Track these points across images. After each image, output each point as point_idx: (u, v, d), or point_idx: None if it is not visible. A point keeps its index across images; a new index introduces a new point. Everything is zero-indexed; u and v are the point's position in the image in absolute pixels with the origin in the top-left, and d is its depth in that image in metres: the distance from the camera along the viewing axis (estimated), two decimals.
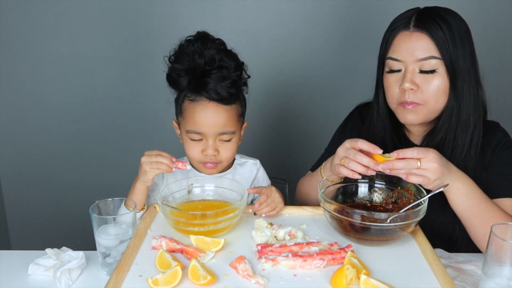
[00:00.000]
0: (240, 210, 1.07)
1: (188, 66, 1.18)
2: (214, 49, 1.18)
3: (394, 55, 1.17)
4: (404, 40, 1.15)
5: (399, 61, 1.16)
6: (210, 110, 1.19)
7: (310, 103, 2.12)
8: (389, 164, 1.03)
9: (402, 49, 1.15)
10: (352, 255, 0.93)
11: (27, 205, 2.27)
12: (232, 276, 0.91)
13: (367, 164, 1.05)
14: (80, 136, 2.16)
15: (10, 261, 1.10)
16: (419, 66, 1.14)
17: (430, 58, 1.13)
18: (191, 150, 1.24)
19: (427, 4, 1.21)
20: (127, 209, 1.13)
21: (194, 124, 1.20)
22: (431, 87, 1.14)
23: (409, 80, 1.14)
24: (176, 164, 1.15)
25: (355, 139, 1.09)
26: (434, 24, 1.12)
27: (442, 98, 1.16)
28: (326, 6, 1.98)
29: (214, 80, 1.17)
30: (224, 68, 1.18)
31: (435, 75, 1.14)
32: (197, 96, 1.19)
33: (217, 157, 1.23)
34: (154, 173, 1.15)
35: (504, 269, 0.86)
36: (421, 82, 1.14)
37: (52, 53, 2.04)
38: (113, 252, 1.04)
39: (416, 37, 1.14)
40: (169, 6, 1.98)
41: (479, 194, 1.10)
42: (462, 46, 1.13)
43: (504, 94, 2.03)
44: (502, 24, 1.96)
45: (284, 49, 2.04)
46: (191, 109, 1.21)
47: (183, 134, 1.25)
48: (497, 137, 1.23)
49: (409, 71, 1.14)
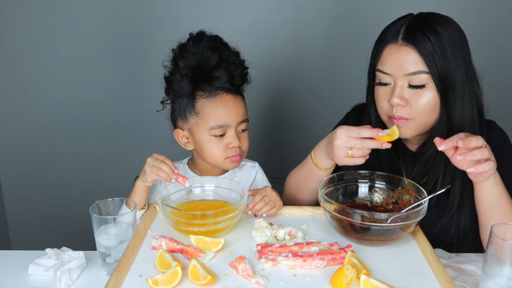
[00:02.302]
0: (240, 210, 1.07)
1: (196, 63, 1.19)
2: (213, 44, 1.20)
3: (382, 68, 1.14)
4: (392, 54, 1.11)
5: (388, 75, 1.13)
6: (229, 101, 1.23)
7: (310, 103, 2.12)
8: (466, 142, 0.98)
9: (390, 63, 1.12)
10: (352, 255, 0.93)
11: (27, 205, 2.27)
12: (232, 276, 0.91)
13: (375, 147, 1.07)
14: (80, 136, 2.16)
15: (10, 261, 1.10)
16: (408, 81, 1.10)
17: (419, 72, 1.09)
18: (215, 148, 1.24)
19: (426, 6, 1.19)
20: (128, 208, 1.14)
21: (218, 118, 1.22)
22: (420, 102, 1.11)
23: (397, 96, 1.10)
24: (177, 177, 1.15)
25: (351, 127, 1.09)
26: (422, 37, 1.08)
27: (432, 113, 1.13)
28: (326, 6, 1.98)
29: (226, 72, 1.20)
30: (230, 59, 1.21)
31: (424, 90, 1.10)
32: (212, 91, 1.22)
33: (240, 148, 1.25)
34: (153, 177, 1.15)
35: (504, 269, 0.86)
36: (410, 97, 1.11)
37: (52, 53, 2.04)
38: (113, 252, 1.04)
39: (404, 51, 1.10)
40: (169, 6, 1.98)
41: (505, 187, 1.09)
42: (454, 58, 1.09)
43: (504, 94, 2.03)
44: (502, 25, 1.96)
45: (284, 49, 2.04)
46: (209, 105, 1.22)
47: (203, 135, 1.24)
48: (495, 137, 1.21)
49: (398, 86, 1.11)
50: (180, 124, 1.28)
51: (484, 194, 1.08)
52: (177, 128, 1.29)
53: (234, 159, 1.26)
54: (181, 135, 1.29)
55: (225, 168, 1.31)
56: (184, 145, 1.30)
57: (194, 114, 1.24)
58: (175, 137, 1.31)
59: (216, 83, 1.21)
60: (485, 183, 1.06)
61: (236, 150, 1.24)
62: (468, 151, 0.99)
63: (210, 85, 1.21)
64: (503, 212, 1.07)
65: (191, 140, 1.28)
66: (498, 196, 1.07)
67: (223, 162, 1.27)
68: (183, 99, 1.24)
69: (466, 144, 0.98)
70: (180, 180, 1.15)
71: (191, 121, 1.25)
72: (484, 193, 1.07)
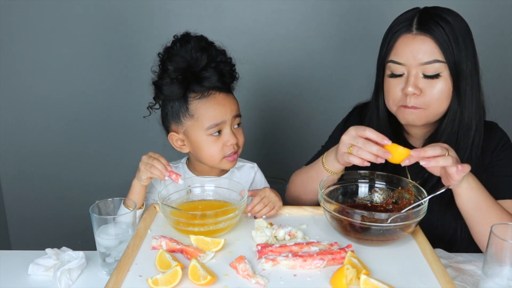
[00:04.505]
0: (240, 210, 1.07)
1: (186, 65, 1.19)
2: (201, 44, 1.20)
3: (396, 58, 1.15)
4: (407, 43, 1.13)
5: (402, 65, 1.13)
6: (222, 99, 1.23)
7: (310, 103, 2.12)
8: (421, 152, 1.00)
9: (404, 52, 1.13)
10: (352, 255, 0.93)
11: (27, 205, 2.27)
12: (232, 276, 0.91)
13: (376, 152, 1.02)
14: (80, 136, 2.16)
15: (10, 261, 1.10)
16: (422, 70, 1.12)
17: (434, 61, 1.11)
18: (213, 148, 1.24)
19: (427, 4, 1.20)
20: (127, 208, 1.14)
21: (214, 117, 1.22)
22: (434, 91, 1.13)
23: (412, 85, 1.12)
24: (170, 174, 1.14)
25: (362, 126, 1.06)
26: (437, 26, 1.10)
27: (445, 102, 1.15)
28: (326, 6, 1.98)
29: (215, 72, 1.20)
30: (218, 58, 1.21)
31: (439, 79, 1.12)
32: (204, 91, 1.21)
33: (237, 144, 1.26)
34: (147, 175, 1.16)
35: (504, 269, 0.86)
36: (424, 87, 1.13)
37: (52, 53, 2.04)
38: (113, 252, 1.04)
39: (419, 40, 1.11)
40: (169, 6, 1.98)
41: (485, 190, 1.09)
42: (465, 48, 1.12)
43: (504, 94, 2.03)
44: (502, 24, 1.96)
45: (283, 49, 2.04)
46: (203, 106, 1.22)
47: (200, 136, 1.24)
48: (496, 138, 1.23)
49: (412, 75, 1.12)
50: (174, 127, 1.27)
51: (461, 200, 1.09)
52: (171, 132, 1.29)
53: (230, 159, 1.26)
54: (176, 138, 1.28)
55: (222, 168, 1.31)
56: (180, 148, 1.30)
57: (189, 116, 1.23)
58: (170, 141, 1.30)
59: (207, 83, 1.21)
60: (460, 190, 1.07)
61: (234, 147, 1.25)
62: (432, 158, 1.00)
63: (201, 86, 1.21)
64: (485, 215, 1.08)
65: (187, 143, 1.28)
66: (475, 201, 1.08)
67: (220, 163, 1.27)
68: (174, 102, 1.24)
69: (421, 154, 1.00)
70: (173, 177, 1.14)
71: (186, 124, 1.24)
72: (460, 200, 1.09)
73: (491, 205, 1.09)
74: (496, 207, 1.09)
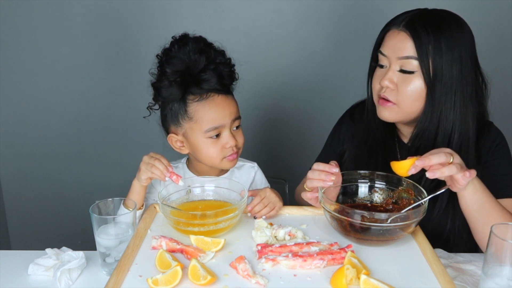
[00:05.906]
0: (240, 210, 1.07)
1: (184, 67, 1.18)
2: (199, 46, 1.19)
3: (382, 49, 1.20)
4: (392, 37, 1.18)
5: (385, 56, 1.18)
6: (221, 102, 1.23)
7: (310, 103, 2.12)
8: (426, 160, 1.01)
9: (388, 45, 1.18)
10: (352, 255, 0.93)
11: (27, 205, 2.27)
12: (232, 276, 0.91)
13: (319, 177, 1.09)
14: (80, 136, 2.16)
15: (10, 261, 1.10)
16: (400, 65, 1.16)
17: (410, 58, 1.14)
18: (212, 150, 1.24)
19: (427, 4, 1.21)
20: (126, 209, 1.14)
21: (212, 120, 1.21)
22: (407, 87, 1.15)
23: (388, 78, 1.17)
24: (171, 175, 1.14)
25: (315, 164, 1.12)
26: (422, 28, 1.13)
27: (417, 102, 1.16)
28: (326, 7, 1.98)
29: (214, 74, 1.20)
30: (217, 60, 1.20)
31: (412, 77, 1.15)
32: (203, 94, 1.21)
33: (236, 145, 1.26)
34: (147, 175, 1.15)
35: (504, 269, 0.86)
36: (399, 82, 1.16)
37: (52, 53, 2.04)
38: (113, 252, 1.04)
39: (402, 36, 1.16)
40: (169, 6, 1.98)
41: (488, 191, 1.10)
42: (449, 52, 1.12)
43: (504, 94, 2.03)
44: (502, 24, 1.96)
45: (283, 49, 2.04)
46: (202, 108, 1.21)
47: (199, 138, 1.24)
48: (491, 137, 1.23)
49: (391, 69, 1.17)
50: (173, 129, 1.27)
51: (465, 202, 1.09)
52: (171, 133, 1.29)
53: (231, 158, 1.26)
54: (175, 139, 1.28)
55: (222, 168, 1.31)
56: (179, 149, 1.30)
57: (188, 119, 1.23)
58: (169, 142, 1.30)
59: (206, 85, 1.20)
60: (464, 192, 1.07)
61: (233, 148, 1.25)
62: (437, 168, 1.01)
63: (200, 88, 1.20)
64: (489, 215, 1.08)
65: (186, 144, 1.28)
66: (479, 202, 1.08)
67: (220, 163, 1.27)
68: (173, 104, 1.23)
69: (426, 163, 1.01)
70: (174, 178, 1.14)
71: (185, 126, 1.24)
72: (465, 202, 1.09)
73: (494, 205, 1.09)
74: (499, 207, 1.10)
